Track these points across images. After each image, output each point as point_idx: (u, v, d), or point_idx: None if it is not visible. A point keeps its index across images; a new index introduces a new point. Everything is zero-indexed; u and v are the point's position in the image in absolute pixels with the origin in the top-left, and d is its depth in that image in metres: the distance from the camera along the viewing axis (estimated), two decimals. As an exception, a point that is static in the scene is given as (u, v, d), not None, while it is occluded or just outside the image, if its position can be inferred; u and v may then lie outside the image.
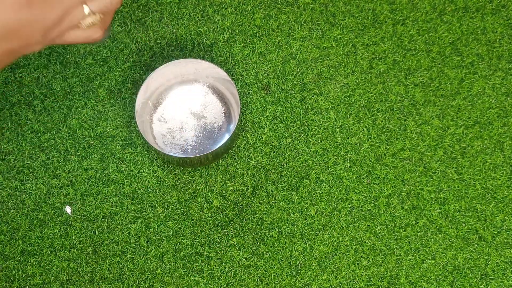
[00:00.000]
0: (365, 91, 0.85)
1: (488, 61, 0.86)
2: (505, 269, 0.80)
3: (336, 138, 0.84)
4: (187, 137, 0.82)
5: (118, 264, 0.80)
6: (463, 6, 0.88)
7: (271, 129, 0.84)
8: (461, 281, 0.80)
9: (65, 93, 0.85)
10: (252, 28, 0.87)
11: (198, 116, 0.83)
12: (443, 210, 0.82)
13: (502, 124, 0.84)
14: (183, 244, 0.81)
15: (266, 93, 0.85)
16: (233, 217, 0.82)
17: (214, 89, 0.84)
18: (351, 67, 0.86)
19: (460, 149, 0.84)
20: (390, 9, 0.87)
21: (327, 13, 0.87)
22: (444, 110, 0.85)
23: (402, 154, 0.83)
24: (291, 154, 0.83)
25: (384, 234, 0.81)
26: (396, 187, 0.82)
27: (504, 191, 0.82)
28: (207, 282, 0.80)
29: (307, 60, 0.86)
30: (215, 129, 0.83)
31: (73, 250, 0.80)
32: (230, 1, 0.88)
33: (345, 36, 0.87)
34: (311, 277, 0.80)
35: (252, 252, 0.81)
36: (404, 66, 0.86)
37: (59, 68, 0.86)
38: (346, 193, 0.82)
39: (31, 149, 0.83)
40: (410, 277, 0.80)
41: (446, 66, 0.86)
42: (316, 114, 0.84)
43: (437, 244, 0.81)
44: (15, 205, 0.82)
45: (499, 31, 0.87)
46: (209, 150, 0.80)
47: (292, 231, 0.81)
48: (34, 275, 0.80)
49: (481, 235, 0.81)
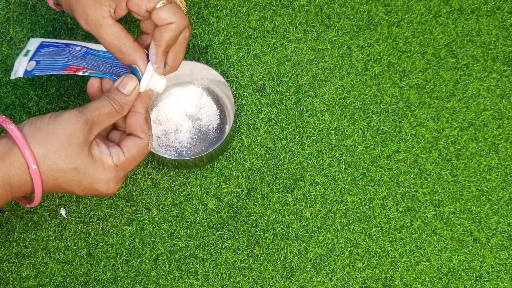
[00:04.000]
0: (360, 93, 0.85)
1: (483, 63, 0.86)
2: (499, 271, 0.80)
3: (331, 140, 0.84)
4: (182, 139, 0.82)
5: (113, 267, 0.80)
6: (458, 8, 0.88)
7: (266, 131, 0.84)
8: (456, 283, 0.80)
9: (59, 94, 0.85)
10: (247, 30, 0.87)
11: (193, 118, 0.83)
12: (438, 212, 0.82)
13: (497, 126, 0.84)
14: (177, 246, 0.81)
15: (261, 95, 0.85)
16: (228, 219, 0.81)
17: (209, 91, 0.84)
18: (346, 69, 0.86)
19: (455, 151, 0.84)
20: (385, 11, 0.87)
21: (322, 15, 0.87)
22: (439, 112, 0.85)
23: (397, 156, 0.83)
24: (286, 156, 0.83)
25: (378, 236, 0.81)
26: (391, 189, 0.82)
27: (499, 193, 0.82)
28: (201, 284, 0.80)
29: (302, 62, 0.86)
30: (210, 131, 0.83)
31: (68, 252, 0.80)
32: (225, 3, 0.88)
33: (340, 38, 0.87)
34: (305, 279, 0.80)
35: (246, 254, 0.81)
36: (399, 68, 0.86)
37: (54, 70, 0.86)
38: (341, 195, 0.82)
39: (25, 151, 0.83)
40: (404, 279, 0.80)
41: (441, 68, 0.86)
42: (311, 116, 0.84)
43: (431, 246, 0.81)
44: (10, 207, 0.81)
45: (494, 33, 0.87)
46: (204, 152, 0.80)
47: (286, 233, 0.81)
48: (28, 277, 0.80)
49: (476, 237, 0.81)
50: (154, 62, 0.68)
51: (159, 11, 0.65)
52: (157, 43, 0.67)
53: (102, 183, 0.65)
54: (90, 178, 0.64)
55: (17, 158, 0.61)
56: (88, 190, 0.65)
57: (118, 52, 0.67)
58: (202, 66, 0.81)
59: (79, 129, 0.63)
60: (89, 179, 0.64)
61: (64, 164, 0.62)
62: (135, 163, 0.67)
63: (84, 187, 0.64)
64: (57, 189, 0.64)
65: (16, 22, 0.87)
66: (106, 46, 0.67)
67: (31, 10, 0.87)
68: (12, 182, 0.62)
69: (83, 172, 0.63)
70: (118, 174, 0.66)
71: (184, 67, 0.81)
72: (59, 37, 0.86)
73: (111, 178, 0.65)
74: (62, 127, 0.62)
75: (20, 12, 0.87)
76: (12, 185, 0.62)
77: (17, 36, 0.86)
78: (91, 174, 0.64)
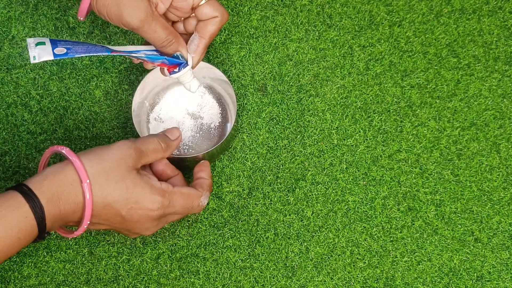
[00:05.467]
0: (362, 92, 0.85)
1: (484, 62, 0.86)
2: (500, 271, 0.80)
3: (332, 140, 0.84)
4: (184, 137, 0.82)
5: (114, 266, 0.80)
6: (460, 7, 0.88)
7: (267, 130, 0.84)
8: (457, 283, 0.80)
9: (61, 94, 0.85)
10: (249, 30, 0.87)
11: (195, 116, 0.83)
12: (439, 211, 0.82)
13: (499, 126, 0.84)
14: (179, 245, 0.81)
15: (263, 95, 0.85)
16: (229, 219, 0.82)
17: (211, 89, 0.84)
18: (347, 68, 0.86)
19: (456, 150, 0.84)
20: (387, 10, 0.87)
21: (323, 14, 0.87)
22: (440, 112, 0.85)
23: (398, 155, 0.83)
24: (287, 155, 0.83)
25: (380, 235, 0.81)
26: (392, 189, 0.82)
27: (500, 192, 0.82)
28: (202, 284, 0.80)
29: (303, 62, 0.86)
30: (211, 129, 0.83)
31: (69, 251, 0.80)
32: (227, 3, 0.88)
33: (341, 37, 0.87)
34: (306, 279, 0.80)
35: (248, 253, 0.81)
36: (400, 67, 0.86)
37: (55, 69, 0.86)
38: (342, 195, 0.82)
39: (27, 150, 0.83)
40: (405, 279, 0.80)
41: (443, 67, 0.86)
42: (313, 116, 0.84)
43: (433, 246, 0.81)
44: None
45: (496, 33, 0.87)
46: (205, 150, 0.80)
47: (288, 233, 0.81)
48: (30, 276, 0.80)
49: (477, 237, 0.81)
50: (195, 52, 0.73)
51: (204, 6, 0.72)
52: (201, 35, 0.73)
53: (148, 201, 0.67)
54: (138, 194, 0.66)
55: (70, 174, 0.64)
56: (133, 210, 0.67)
57: (166, 41, 0.71)
58: (203, 64, 0.81)
59: (129, 155, 0.67)
60: (137, 195, 0.66)
61: (114, 180, 0.65)
62: (182, 201, 0.70)
63: (131, 206, 0.66)
64: (104, 209, 0.66)
65: (18, 20, 0.87)
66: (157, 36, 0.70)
67: (33, 9, 0.87)
68: (63, 197, 0.63)
69: (132, 189, 0.66)
70: (164, 201, 0.68)
71: None
72: (60, 36, 0.86)
73: (157, 200, 0.68)
74: (114, 151, 0.67)
75: (22, 11, 0.87)
76: (61, 200, 0.63)
77: (19, 35, 0.86)
78: (138, 191, 0.66)
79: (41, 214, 0.62)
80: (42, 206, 0.62)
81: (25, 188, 0.63)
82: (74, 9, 0.87)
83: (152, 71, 0.80)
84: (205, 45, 0.74)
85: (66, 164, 0.65)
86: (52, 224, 0.64)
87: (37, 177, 0.64)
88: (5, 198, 0.62)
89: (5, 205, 0.61)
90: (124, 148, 0.67)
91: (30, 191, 0.62)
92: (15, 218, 0.61)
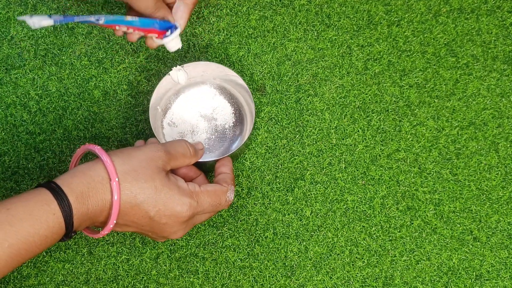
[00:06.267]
0: (360, 92, 0.85)
1: (483, 62, 0.86)
2: (499, 269, 0.80)
3: (331, 139, 0.84)
4: (199, 140, 0.82)
5: (113, 265, 0.80)
6: (458, 7, 0.88)
7: (266, 130, 0.84)
8: (456, 282, 0.80)
9: (60, 94, 0.85)
10: (248, 30, 0.87)
11: (208, 118, 0.83)
12: (438, 211, 0.82)
13: (497, 125, 0.84)
14: (178, 245, 0.81)
15: (261, 94, 0.85)
16: (228, 218, 0.82)
17: (222, 89, 0.84)
18: (346, 68, 0.86)
19: (455, 150, 0.84)
20: (385, 10, 0.88)
21: (322, 14, 0.88)
22: (439, 111, 0.85)
23: (397, 155, 0.83)
24: (286, 155, 0.83)
25: (379, 235, 0.81)
26: (391, 188, 0.82)
27: (499, 191, 0.82)
28: (202, 283, 0.80)
29: (302, 61, 0.86)
30: (226, 130, 0.83)
31: (68, 251, 0.80)
32: (226, 3, 0.88)
33: (340, 37, 0.87)
34: (306, 278, 0.80)
35: (247, 253, 0.81)
36: (399, 67, 0.86)
37: (54, 69, 0.86)
38: (341, 194, 0.82)
39: (26, 150, 0.83)
40: (405, 278, 0.80)
41: (441, 67, 0.86)
42: (311, 115, 0.85)
43: (432, 245, 0.81)
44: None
45: (494, 32, 0.87)
46: (226, 152, 0.79)
47: (287, 232, 0.81)
48: (29, 276, 0.80)
49: (476, 235, 0.81)
50: (181, 18, 0.76)
51: None
52: (186, 1, 0.75)
53: (177, 202, 0.67)
54: (166, 196, 0.66)
55: (99, 172, 0.64)
56: (161, 211, 0.66)
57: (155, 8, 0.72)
58: (215, 65, 0.80)
59: (159, 156, 0.67)
60: (165, 197, 0.66)
61: (143, 180, 0.65)
62: (209, 199, 0.70)
63: (159, 208, 0.66)
64: (132, 209, 0.65)
65: (16, 21, 0.87)
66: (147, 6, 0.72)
67: (31, 9, 0.87)
68: (91, 195, 0.63)
69: (160, 190, 0.66)
70: (192, 202, 0.68)
71: (197, 68, 0.81)
72: (59, 36, 0.86)
73: (186, 202, 0.67)
74: (144, 152, 0.67)
75: (20, 11, 0.87)
76: (90, 198, 0.63)
77: (17, 35, 0.86)
78: (167, 193, 0.66)
79: (69, 211, 0.61)
80: (70, 204, 0.61)
81: (54, 185, 0.62)
82: (73, 9, 0.87)
83: (164, 79, 0.79)
84: (190, 11, 0.76)
85: (96, 162, 0.65)
86: (79, 223, 0.63)
87: (67, 174, 0.63)
88: (33, 194, 0.61)
89: (34, 201, 0.61)
90: (154, 150, 0.68)
91: (58, 188, 0.62)
92: (44, 214, 0.60)
